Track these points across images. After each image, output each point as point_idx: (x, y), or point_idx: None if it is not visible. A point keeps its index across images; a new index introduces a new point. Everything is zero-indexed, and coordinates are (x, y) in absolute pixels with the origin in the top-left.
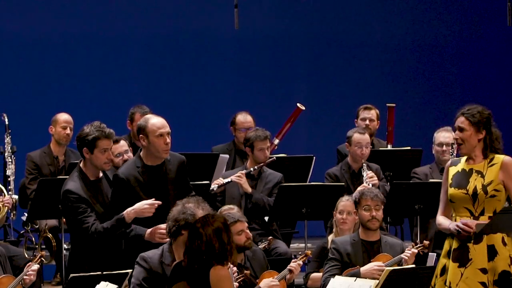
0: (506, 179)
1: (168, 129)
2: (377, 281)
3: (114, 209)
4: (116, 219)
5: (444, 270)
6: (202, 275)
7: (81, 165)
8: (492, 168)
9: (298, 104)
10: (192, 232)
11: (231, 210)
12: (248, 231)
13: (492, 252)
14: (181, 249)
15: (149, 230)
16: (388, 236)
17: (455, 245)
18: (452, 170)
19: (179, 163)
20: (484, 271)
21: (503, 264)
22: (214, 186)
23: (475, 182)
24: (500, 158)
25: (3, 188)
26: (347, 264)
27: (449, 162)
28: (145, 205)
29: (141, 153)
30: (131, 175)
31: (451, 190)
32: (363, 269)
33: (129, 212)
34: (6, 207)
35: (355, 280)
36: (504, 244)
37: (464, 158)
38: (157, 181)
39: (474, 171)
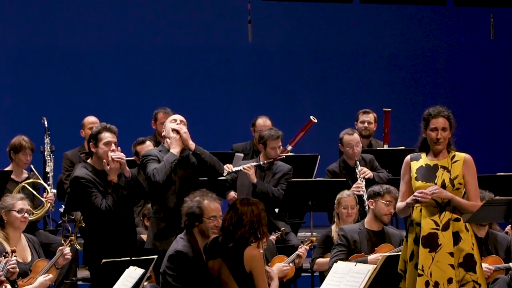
0: (467, 175)
1: (181, 117)
2: (375, 266)
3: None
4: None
5: (412, 255)
6: (237, 254)
7: (89, 160)
8: (456, 164)
9: (311, 117)
10: (231, 208)
11: None
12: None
13: (456, 238)
14: (200, 238)
15: None
16: (389, 227)
17: (423, 232)
18: (415, 165)
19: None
20: (451, 254)
21: (467, 247)
22: (225, 172)
23: (442, 176)
24: (461, 155)
25: (46, 186)
26: (353, 250)
27: (408, 157)
28: None
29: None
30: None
31: (418, 183)
32: (370, 257)
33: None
34: (49, 203)
35: (355, 265)
36: (467, 230)
37: (424, 154)
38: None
39: (439, 166)
